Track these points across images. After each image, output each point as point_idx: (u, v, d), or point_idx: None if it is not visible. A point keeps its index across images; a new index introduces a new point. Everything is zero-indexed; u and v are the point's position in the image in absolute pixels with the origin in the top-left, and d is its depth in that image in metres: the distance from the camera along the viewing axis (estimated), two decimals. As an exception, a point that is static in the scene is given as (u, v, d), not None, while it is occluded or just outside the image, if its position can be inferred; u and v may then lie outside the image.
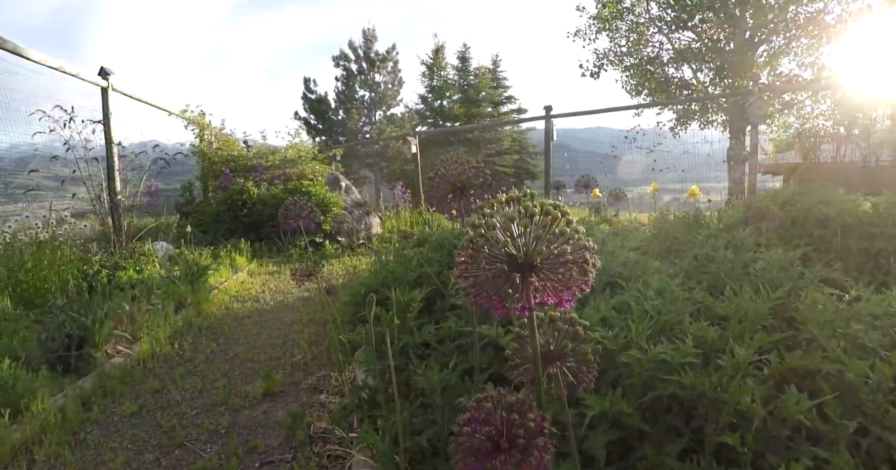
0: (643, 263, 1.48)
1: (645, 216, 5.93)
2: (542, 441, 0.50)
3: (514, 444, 0.50)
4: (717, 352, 1.02)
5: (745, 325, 1.08)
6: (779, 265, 1.40)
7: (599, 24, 11.59)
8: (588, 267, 0.56)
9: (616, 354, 0.99)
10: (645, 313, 1.10)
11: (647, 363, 0.94)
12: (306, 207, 1.76)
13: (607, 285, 1.39)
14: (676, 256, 3.09)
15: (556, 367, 0.65)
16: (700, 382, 0.88)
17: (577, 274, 0.55)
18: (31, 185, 4.18)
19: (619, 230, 3.45)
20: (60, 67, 4.69)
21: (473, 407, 0.53)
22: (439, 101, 18.46)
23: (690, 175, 8.13)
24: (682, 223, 3.53)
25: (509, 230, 0.56)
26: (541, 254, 0.54)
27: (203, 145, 7.60)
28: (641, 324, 1.02)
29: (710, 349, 1.04)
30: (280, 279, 4.90)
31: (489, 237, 0.56)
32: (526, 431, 0.50)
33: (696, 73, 11.29)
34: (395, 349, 1.56)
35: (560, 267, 0.54)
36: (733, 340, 0.99)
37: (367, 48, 18.49)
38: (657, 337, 1.04)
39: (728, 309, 1.12)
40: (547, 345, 0.66)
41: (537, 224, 0.55)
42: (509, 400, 0.54)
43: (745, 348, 0.92)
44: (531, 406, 0.53)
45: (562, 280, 0.55)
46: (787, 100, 10.19)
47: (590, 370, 0.66)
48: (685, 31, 11.11)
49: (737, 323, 1.09)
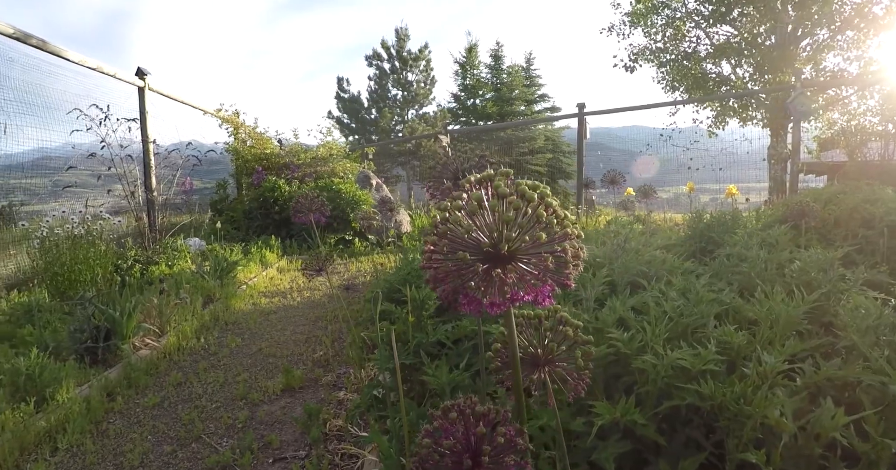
0: (669, 263, 1.40)
1: (680, 216, 5.75)
2: (512, 459, 0.44)
3: (478, 462, 0.44)
4: (744, 359, 0.94)
5: (776, 330, 0.99)
6: (817, 266, 1.30)
7: (634, 19, 11.30)
8: (568, 257, 0.48)
9: (631, 359, 0.92)
10: (664, 315, 1.02)
11: (663, 370, 0.87)
12: (317, 201, 1.74)
13: (629, 285, 1.31)
14: (711, 256, 2.97)
15: (544, 372, 0.58)
16: (721, 392, 0.81)
17: (555, 266, 0.47)
18: (69, 182, 4.30)
19: (652, 230, 3.33)
20: (98, 67, 4.82)
21: (439, 416, 0.47)
22: (472, 100, 18.38)
23: (729, 174, 7.85)
24: (718, 223, 3.40)
25: (476, 214, 0.48)
26: (510, 241, 0.47)
27: (236, 143, 7.74)
28: (659, 326, 0.94)
29: (736, 356, 0.96)
30: (308, 276, 4.93)
31: (453, 222, 0.48)
32: (494, 448, 0.44)
33: (735, 68, 10.90)
34: (410, 348, 1.52)
35: (535, 258, 0.47)
36: (762, 346, 0.91)
37: (399, 47, 18.56)
38: (677, 341, 0.96)
39: (758, 312, 1.03)
40: (534, 347, 0.59)
41: (510, 207, 0.48)
42: (479, 410, 0.48)
43: (775, 355, 0.84)
44: (505, 417, 0.47)
45: (537, 273, 0.47)
46: (831, 95, 9.74)
47: (581, 377, 0.59)
48: (723, 26, 10.73)
49: (768, 328, 1.00)
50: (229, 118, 7.54)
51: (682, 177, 8.45)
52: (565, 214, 0.49)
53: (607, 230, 3.38)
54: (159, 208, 5.34)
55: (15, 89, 4.08)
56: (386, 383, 1.59)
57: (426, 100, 19.01)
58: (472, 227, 0.47)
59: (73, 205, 4.21)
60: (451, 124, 16.64)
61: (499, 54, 18.34)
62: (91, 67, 4.73)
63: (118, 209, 4.78)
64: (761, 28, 10.40)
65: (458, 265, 0.48)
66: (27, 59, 4.28)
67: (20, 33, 3.93)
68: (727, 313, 1.13)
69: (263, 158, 7.72)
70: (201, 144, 6.64)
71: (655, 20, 11.18)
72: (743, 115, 11.10)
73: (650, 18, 11.17)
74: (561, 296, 1.22)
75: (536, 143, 17.17)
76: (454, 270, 0.48)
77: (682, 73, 11.10)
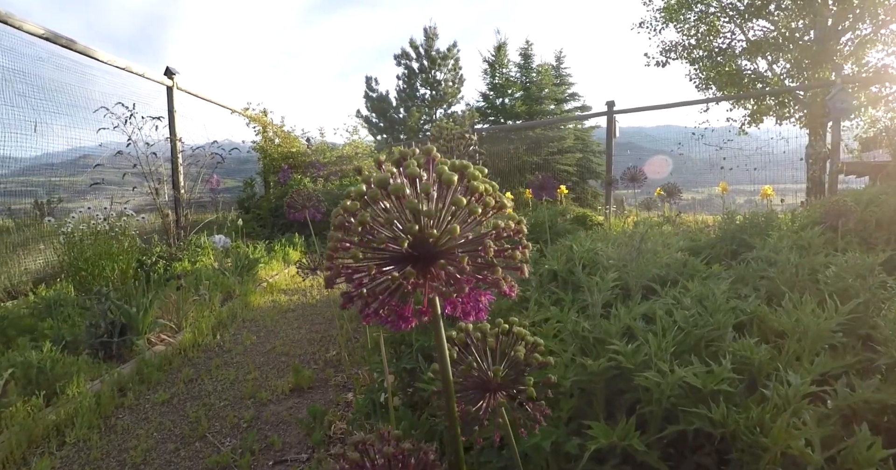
0: (691, 266, 1.29)
1: (711, 218, 5.54)
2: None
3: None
4: (766, 378, 0.84)
5: (804, 343, 0.88)
6: (855, 271, 1.17)
7: (666, 15, 10.99)
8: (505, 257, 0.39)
9: (633, 375, 0.82)
10: (674, 325, 0.92)
11: (668, 388, 0.77)
12: (312, 197, 1.69)
13: (643, 291, 1.22)
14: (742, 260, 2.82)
15: (493, 400, 0.49)
16: (735, 418, 0.71)
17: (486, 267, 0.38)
18: (98, 179, 4.37)
19: (681, 231, 3.20)
20: (127, 67, 4.90)
21: (341, 456, 0.39)
22: (501, 99, 18.24)
23: (764, 175, 7.55)
24: (751, 224, 3.24)
25: (379, 202, 0.39)
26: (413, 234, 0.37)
27: (264, 142, 7.82)
28: (666, 338, 0.84)
29: (757, 373, 0.85)
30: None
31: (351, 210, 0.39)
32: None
33: (771, 65, 10.49)
34: (413, 350, 1.45)
35: (452, 258, 0.38)
36: (787, 363, 0.80)
37: (428, 46, 18.53)
38: (688, 355, 0.86)
39: (785, 323, 0.92)
40: (482, 372, 0.50)
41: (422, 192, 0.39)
42: (388, 451, 0.39)
43: (802, 374, 0.74)
44: (426, 462, 0.39)
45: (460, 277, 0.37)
46: (874, 93, 9.29)
47: (537, 408, 0.49)
48: (759, 20, 10.34)
49: (795, 341, 0.89)
50: (257, 117, 7.62)
51: (714, 177, 8.17)
52: (502, 202, 0.41)
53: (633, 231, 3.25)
54: (186, 206, 5.41)
55: (58, 91, 4.19)
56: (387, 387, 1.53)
57: (454, 99, 18.94)
58: (368, 220, 0.38)
59: (100, 202, 4.28)
60: (479, 123, 16.51)
61: (528, 53, 18.14)
62: (120, 67, 4.81)
63: (146, 207, 4.85)
64: (800, 23, 9.99)
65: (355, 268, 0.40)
66: (76, 65, 4.41)
67: (50, 33, 4.00)
68: (750, 323, 1.03)
69: (290, 157, 7.79)
70: (230, 143, 6.73)
71: (688, 16, 10.85)
72: (780, 113, 10.68)
73: (682, 14, 10.84)
74: (569, 301, 1.14)
75: (566, 143, 16.92)
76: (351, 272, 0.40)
77: (716, 70, 10.73)
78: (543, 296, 1.18)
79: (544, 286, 1.29)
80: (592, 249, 1.36)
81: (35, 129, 3.86)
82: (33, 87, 3.96)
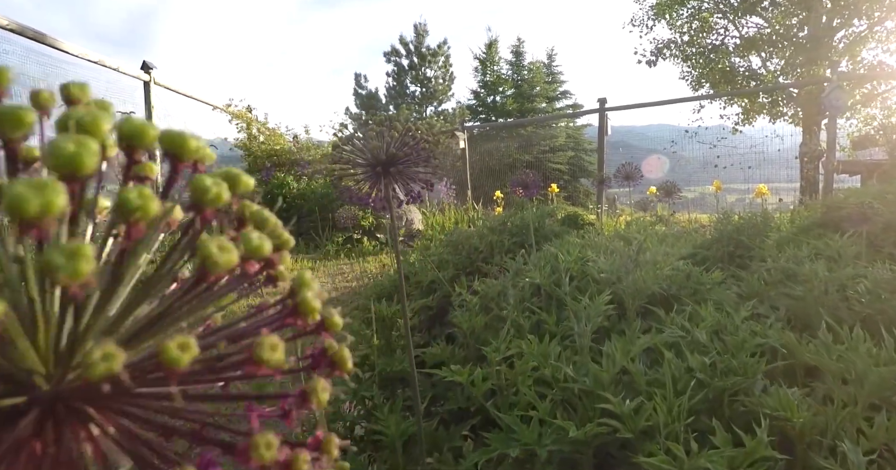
0: (696, 279, 1.11)
1: (706, 217, 5.37)
2: None
3: None
4: (807, 445, 0.65)
5: (854, 390, 0.69)
6: (890, 287, 0.99)
7: (658, 12, 10.84)
8: None
9: (635, 445, 0.63)
10: (686, 372, 0.72)
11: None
12: None
13: (640, 312, 1.02)
14: (740, 263, 2.64)
15: None
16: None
17: None
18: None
19: (676, 232, 3.02)
20: (100, 61, 4.68)
21: None
22: (492, 97, 18.08)
23: (758, 173, 7.44)
24: (749, 225, 3.08)
25: None
26: None
27: (247, 140, 7.60)
28: (680, 401, 0.64)
29: (797, 437, 0.66)
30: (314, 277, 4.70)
31: None
32: None
33: (765, 62, 10.38)
34: (374, 377, 1.25)
35: None
36: (838, 425, 0.61)
37: (418, 43, 18.32)
38: (707, 416, 0.67)
39: (826, 362, 0.72)
40: None
41: None
42: None
43: (862, 443, 0.55)
44: None
45: None
46: (869, 91, 9.20)
47: None
48: (753, 17, 10.22)
49: (840, 384, 0.70)
50: (239, 113, 7.39)
51: (708, 176, 8.07)
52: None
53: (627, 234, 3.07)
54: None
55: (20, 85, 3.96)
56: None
57: (445, 96, 18.75)
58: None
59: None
60: (470, 121, 16.35)
61: (520, 50, 18.01)
62: (92, 61, 4.59)
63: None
64: (794, 19, 9.88)
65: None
66: (48, 59, 4.23)
67: (16, 25, 3.77)
68: (772, 354, 0.82)
69: (274, 155, 7.56)
70: (212, 140, 6.51)
71: (681, 12, 10.71)
72: (773, 111, 10.57)
73: (675, 10, 10.70)
74: (552, 323, 0.95)
75: (557, 141, 16.81)
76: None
77: (709, 67, 10.60)
78: (522, 316, 0.99)
79: (525, 302, 1.10)
80: (582, 257, 1.17)
81: None
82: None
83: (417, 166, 0.75)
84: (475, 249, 2.14)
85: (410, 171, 0.71)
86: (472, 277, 2.21)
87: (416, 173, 0.71)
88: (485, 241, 2.16)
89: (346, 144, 0.70)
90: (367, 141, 0.69)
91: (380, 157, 0.70)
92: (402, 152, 0.73)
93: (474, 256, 2.12)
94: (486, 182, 11.16)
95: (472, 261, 2.10)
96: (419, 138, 0.76)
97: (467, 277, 2.20)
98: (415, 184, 0.71)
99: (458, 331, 1.17)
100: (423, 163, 0.76)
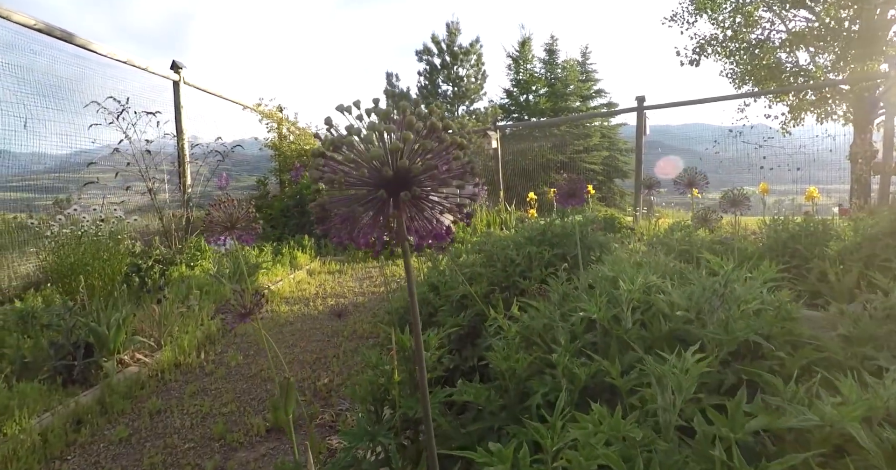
0: (789, 329, 0.87)
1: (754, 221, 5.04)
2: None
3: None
4: None
5: None
6: None
7: (699, 6, 10.40)
8: None
9: None
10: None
11: None
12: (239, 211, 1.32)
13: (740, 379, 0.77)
14: (797, 276, 2.39)
15: None
16: None
17: None
18: (92, 178, 4.12)
19: (722, 239, 2.79)
20: (129, 61, 4.66)
21: None
22: (525, 96, 17.79)
23: (804, 175, 7.01)
24: (806, 232, 2.82)
25: None
26: None
27: (277, 139, 7.56)
28: None
29: None
30: (339, 280, 4.60)
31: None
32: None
33: (813, 57, 9.84)
34: (395, 419, 1.10)
35: None
36: None
37: (450, 42, 18.16)
38: None
39: None
40: None
41: None
42: None
43: None
44: None
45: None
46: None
47: None
48: (801, 10, 9.69)
49: None
50: (270, 113, 7.36)
51: (751, 177, 7.67)
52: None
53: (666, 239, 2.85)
54: (193, 205, 5.17)
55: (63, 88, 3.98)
56: (364, 459, 1.19)
57: (477, 95, 18.54)
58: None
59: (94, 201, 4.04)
60: (503, 120, 16.08)
61: (553, 48, 17.69)
62: (121, 60, 4.57)
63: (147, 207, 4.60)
64: (845, 12, 9.33)
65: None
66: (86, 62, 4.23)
67: (43, 25, 3.76)
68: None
69: (303, 154, 7.50)
70: (241, 140, 6.47)
71: (723, 6, 10.25)
72: (820, 110, 10.03)
73: (718, 4, 10.25)
74: (617, 375, 0.74)
75: (591, 141, 16.42)
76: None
77: (753, 63, 10.11)
78: (576, 362, 0.80)
79: (578, 340, 0.92)
80: (646, 285, 0.96)
81: (25, 125, 3.62)
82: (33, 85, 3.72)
83: (447, 185, 0.56)
84: (511, 262, 1.95)
85: (435, 194, 0.53)
86: (507, 292, 2.01)
87: (445, 198, 0.53)
88: (522, 252, 1.97)
89: (336, 151, 0.51)
90: (367, 144, 0.51)
91: (384, 171, 0.50)
92: (421, 163, 0.52)
93: (510, 269, 1.93)
94: (518, 182, 10.92)
95: (508, 275, 1.91)
96: (449, 141, 0.55)
97: (502, 292, 2.02)
98: (442, 215, 0.52)
99: (495, 370, 1.00)
100: (455, 179, 0.56)
